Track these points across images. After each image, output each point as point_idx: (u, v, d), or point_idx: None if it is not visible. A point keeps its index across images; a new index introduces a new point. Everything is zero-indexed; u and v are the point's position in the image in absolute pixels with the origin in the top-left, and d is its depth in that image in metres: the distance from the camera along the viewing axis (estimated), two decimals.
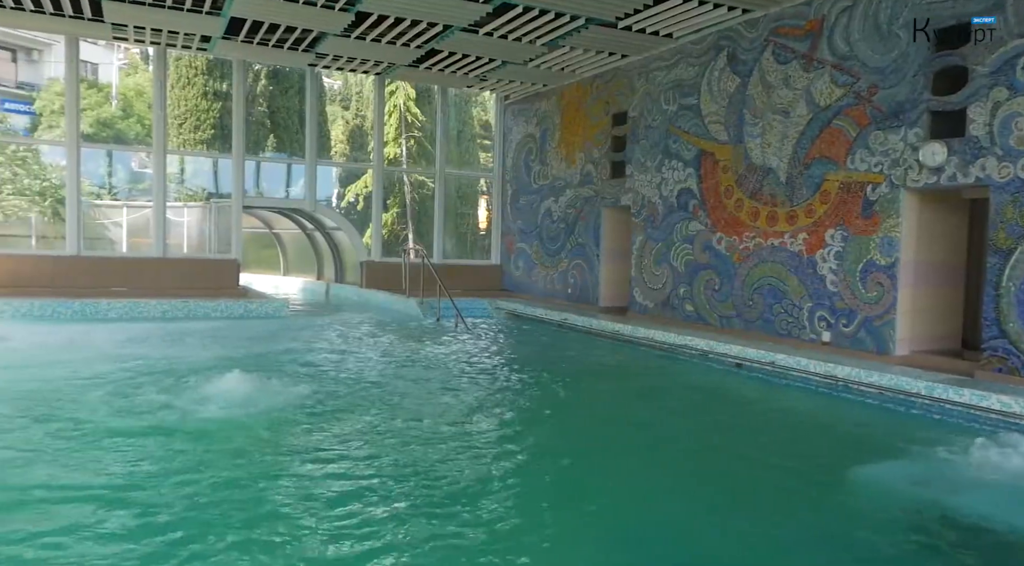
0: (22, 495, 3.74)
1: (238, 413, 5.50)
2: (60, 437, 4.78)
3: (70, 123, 12.68)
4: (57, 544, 3.18)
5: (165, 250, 13.34)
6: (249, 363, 7.55)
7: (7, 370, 6.93)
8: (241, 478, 4.14)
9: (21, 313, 10.47)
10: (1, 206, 18.69)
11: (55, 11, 10.79)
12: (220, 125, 21.95)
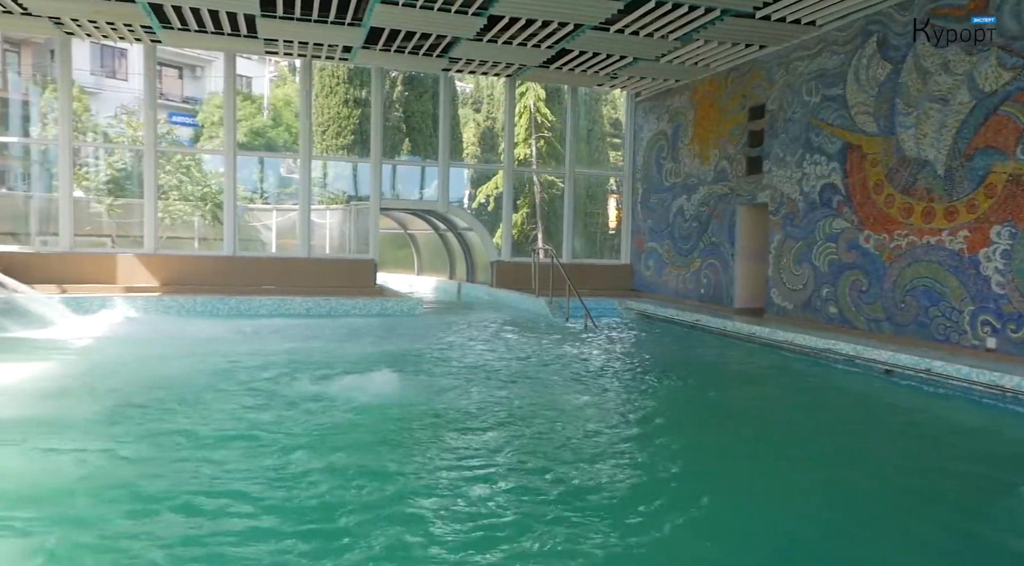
0: (189, 468, 4.06)
1: (377, 406, 5.73)
2: (216, 422, 5.16)
3: (227, 133, 13.72)
4: (209, 526, 3.42)
5: (310, 251, 14.16)
6: (386, 359, 7.86)
7: (171, 359, 7.58)
8: (379, 467, 4.29)
9: (186, 308, 11.46)
10: (169, 210, 20.51)
11: (216, 30, 11.71)
12: (360, 131, 23.07)
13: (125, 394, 6.06)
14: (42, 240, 14.10)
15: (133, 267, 12.95)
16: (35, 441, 4.65)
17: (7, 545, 3.17)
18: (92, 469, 4.20)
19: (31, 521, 3.40)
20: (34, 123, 23.50)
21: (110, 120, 23.38)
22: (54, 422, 5.12)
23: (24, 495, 3.73)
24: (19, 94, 26.01)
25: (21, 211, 17.30)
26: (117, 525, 3.39)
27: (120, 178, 20.97)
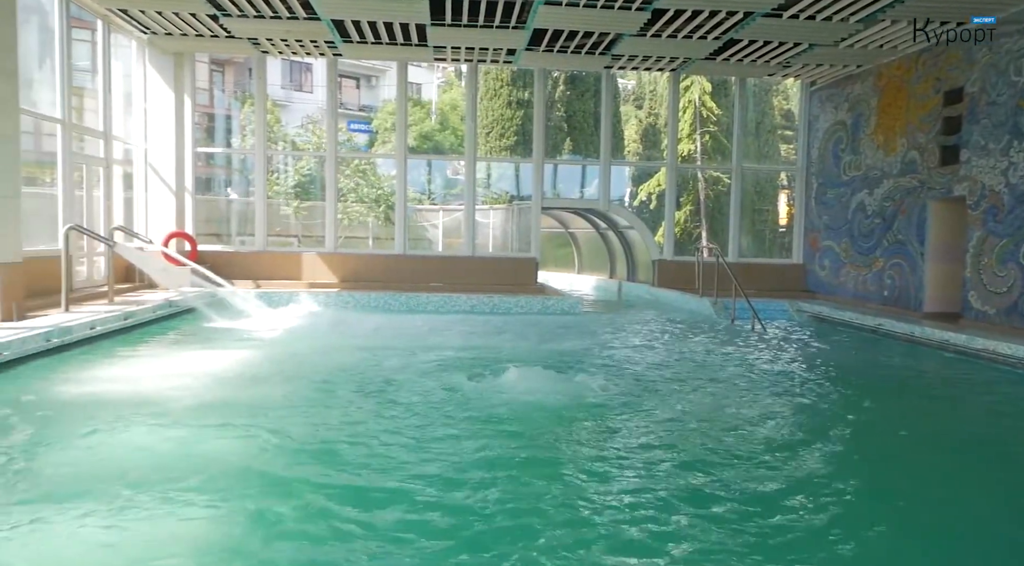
0: (352, 453, 4.31)
1: (536, 402, 5.78)
2: (381, 412, 5.44)
3: (399, 138, 14.47)
4: (374, 513, 3.60)
5: (474, 249, 14.61)
6: (546, 356, 7.93)
7: (349, 351, 8.10)
8: (537, 463, 4.32)
9: (361, 303, 12.23)
10: (347, 212, 21.97)
11: (390, 41, 12.39)
12: (522, 132, 23.49)
13: (311, 381, 6.56)
14: (240, 240, 15.60)
15: (316, 264, 14.01)
16: (235, 421, 5.13)
17: (216, 515, 3.51)
18: (284, 447, 4.56)
19: (235, 494, 3.75)
20: (235, 135, 26.07)
21: (297, 129, 25.47)
22: (251, 404, 5.64)
23: (227, 470, 4.12)
24: (223, 109, 29.02)
25: (224, 214, 19.21)
26: (306, 498, 3.65)
27: (305, 183, 22.77)
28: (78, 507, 3.50)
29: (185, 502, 3.61)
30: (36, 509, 3.47)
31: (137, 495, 3.66)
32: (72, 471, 4.10)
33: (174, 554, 3.12)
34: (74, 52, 10.63)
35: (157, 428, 4.94)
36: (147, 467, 4.17)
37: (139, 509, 3.51)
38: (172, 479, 3.91)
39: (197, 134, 14.52)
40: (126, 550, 3.14)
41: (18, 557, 3.04)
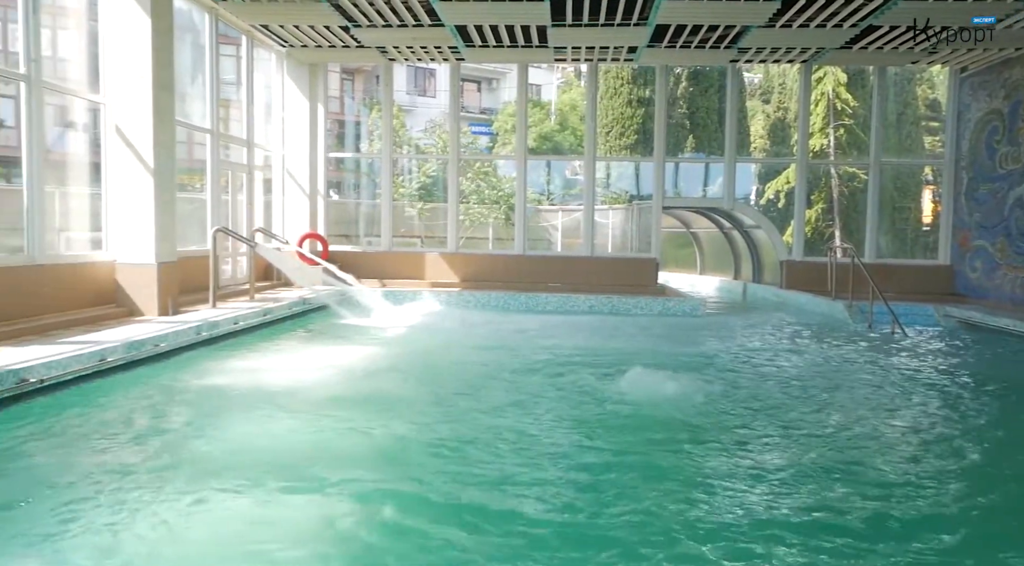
0: (475, 457, 4.37)
1: (653, 405, 5.65)
2: (502, 410, 5.48)
3: (519, 139, 14.59)
4: (505, 502, 3.62)
5: (593, 249, 14.51)
6: (667, 358, 7.75)
7: (469, 349, 8.25)
8: (652, 466, 4.21)
9: (481, 303, 12.43)
10: (469, 213, 22.43)
11: (511, 43, 12.52)
12: (643, 130, 23.13)
13: (434, 377, 6.74)
14: (367, 241, 16.26)
15: (438, 264, 14.38)
16: (364, 414, 5.34)
17: (343, 501, 3.66)
18: (409, 440, 4.70)
19: (368, 484, 3.89)
20: (363, 140, 27.23)
21: (421, 133, 26.29)
22: (379, 398, 5.85)
23: (359, 460, 4.29)
24: (353, 116, 30.40)
25: (352, 216, 20.09)
26: (432, 492, 3.74)
27: (429, 185, 23.45)
28: (229, 488, 3.75)
29: (322, 489, 3.79)
30: (195, 489, 3.74)
31: (280, 480, 3.88)
32: (219, 455, 4.40)
33: (318, 536, 3.27)
34: (221, 66, 11.45)
35: (293, 418, 5.22)
36: (286, 454, 4.42)
37: (282, 493, 3.72)
38: (310, 466, 4.12)
39: (329, 140, 15.27)
40: (276, 529, 3.34)
41: (185, 532, 3.29)
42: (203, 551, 3.16)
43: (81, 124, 9.11)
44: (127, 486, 3.78)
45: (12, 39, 8.69)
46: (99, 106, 8.81)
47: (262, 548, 3.16)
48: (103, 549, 3.09)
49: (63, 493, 3.69)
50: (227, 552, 3.14)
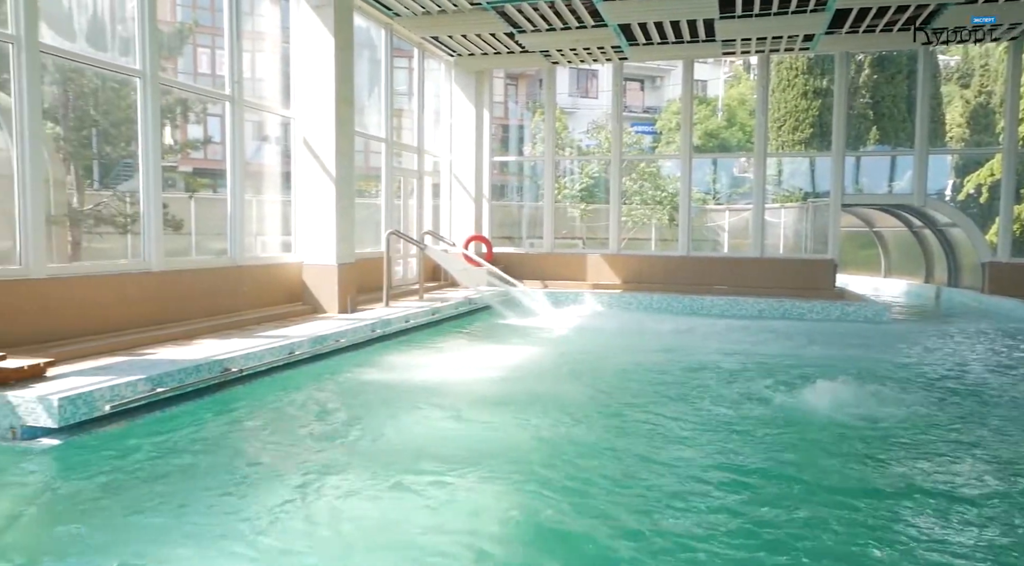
0: (638, 462, 4.27)
1: (829, 415, 5.25)
2: (664, 416, 5.32)
3: (684, 137, 14.20)
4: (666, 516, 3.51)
5: (763, 250, 13.81)
6: (845, 367, 7.20)
7: (631, 351, 8.12)
8: (827, 482, 3.90)
9: (643, 305, 12.22)
10: (631, 214, 22.16)
11: (676, 40, 12.21)
12: (819, 123, 21.71)
13: (595, 379, 6.71)
14: (530, 242, 16.51)
15: (599, 266, 14.32)
16: (525, 412, 5.41)
17: (504, 495, 3.72)
18: (568, 441, 4.70)
19: (528, 481, 3.94)
20: (526, 143, 27.73)
21: (583, 135, 26.33)
22: (540, 397, 5.91)
23: (520, 457, 4.36)
24: (516, 120, 31.06)
25: (515, 218, 20.52)
26: (588, 494, 3.71)
27: (591, 186, 23.43)
28: (395, 476, 3.94)
29: (483, 482, 3.88)
30: (367, 475, 3.97)
31: (443, 472, 4.02)
32: (390, 445, 4.64)
33: (477, 529, 3.35)
34: (395, 78, 12.12)
35: (458, 413, 5.40)
36: (451, 447, 4.57)
37: (444, 486, 3.85)
38: (472, 460, 4.23)
39: (493, 144, 15.68)
40: (439, 517, 3.46)
41: (352, 514, 3.50)
42: (363, 538, 3.32)
43: (274, 137, 9.99)
44: (310, 469, 4.08)
45: (219, 64, 9.70)
46: (290, 120, 9.61)
47: (415, 538, 3.28)
48: (282, 519, 3.35)
49: (250, 476, 4.04)
50: (388, 539, 3.29)
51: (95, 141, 9.07)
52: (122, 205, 8.87)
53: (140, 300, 7.13)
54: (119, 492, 3.76)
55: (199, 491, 3.76)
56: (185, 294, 7.67)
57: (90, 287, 6.65)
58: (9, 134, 6.27)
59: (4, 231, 6.23)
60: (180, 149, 12.87)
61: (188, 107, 10.28)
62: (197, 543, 3.16)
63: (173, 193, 12.58)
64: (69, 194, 8.37)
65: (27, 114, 6.11)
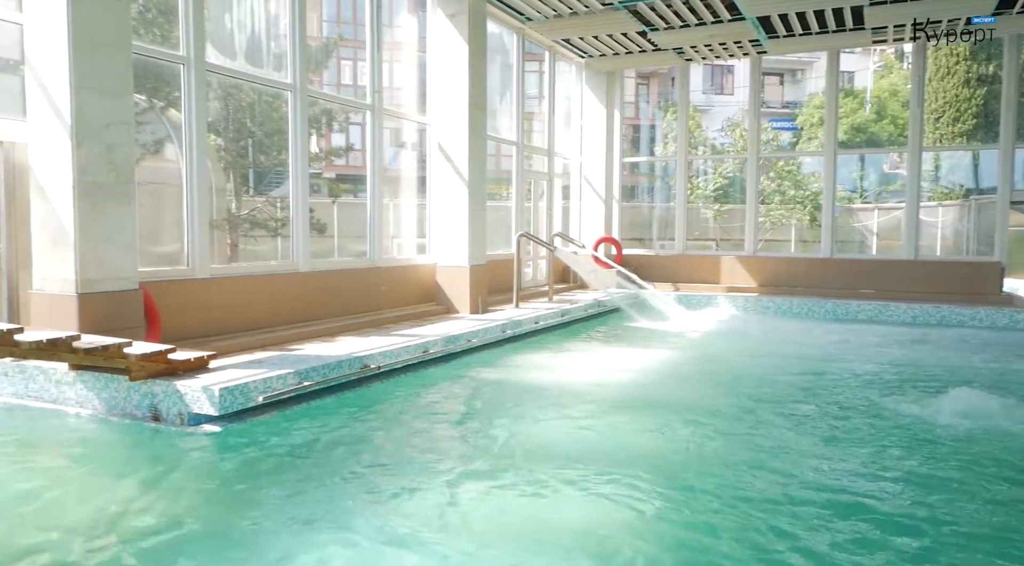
0: (784, 478, 4.06)
1: (993, 440, 4.77)
2: (805, 428, 5.02)
3: (828, 133, 13.41)
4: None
5: (916, 252, 12.80)
6: (1016, 384, 6.52)
7: (768, 357, 7.75)
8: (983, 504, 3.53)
9: (782, 309, 11.67)
10: (768, 215, 21.25)
11: (820, 30, 11.56)
12: (984, 113, 19.88)
13: (727, 385, 6.47)
14: (661, 244, 16.19)
15: (734, 268, 13.80)
16: (653, 416, 5.30)
17: (635, 502, 3.66)
18: (696, 447, 4.56)
19: (652, 485, 3.86)
20: (657, 143, 27.23)
21: (717, 133, 25.52)
22: (668, 402, 5.77)
23: (646, 462, 4.27)
24: (647, 119, 30.58)
25: (646, 219, 20.20)
26: (717, 500, 3.58)
27: (725, 186, 22.68)
28: (525, 475, 3.97)
29: (607, 486, 3.83)
30: (491, 474, 4.03)
31: (572, 475, 4.01)
32: (516, 445, 4.68)
33: (605, 532, 3.31)
34: (526, 82, 12.25)
35: (585, 415, 5.37)
36: (577, 449, 4.55)
37: (572, 488, 3.83)
38: (598, 463, 4.19)
39: (623, 145, 15.51)
40: (563, 519, 3.45)
41: (475, 513, 3.56)
42: (493, 535, 3.36)
43: (410, 143, 10.38)
44: (444, 464, 4.19)
45: (361, 75, 10.20)
46: (425, 126, 9.95)
47: (546, 539, 3.27)
48: (417, 514, 3.45)
49: (389, 467, 4.20)
50: (517, 539, 3.31)
51: (251, 151, 9.77)
52: (273, 210, 9.50)
53: (288, 299, 7.62)
54: (271, 475, 4.02)
55: (340, 478, 3.96)
56: (328, 293, 8.12)
57: (245, 286, 7.18)
58: (179, 147, 6.89)
59: (174, 235, 6.85)
60: (324, 156, 13.62)
61: (332, 117, 10.87)
62: (337, 524, 3.32)
63: (318, 198, 13.34)
64: (228, 200, 9.06)
65: (195, 128, 6.69)
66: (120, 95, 5.62)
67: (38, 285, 5.59)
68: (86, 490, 3.87)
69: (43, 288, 5.55)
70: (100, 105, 5.48)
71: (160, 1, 7.41)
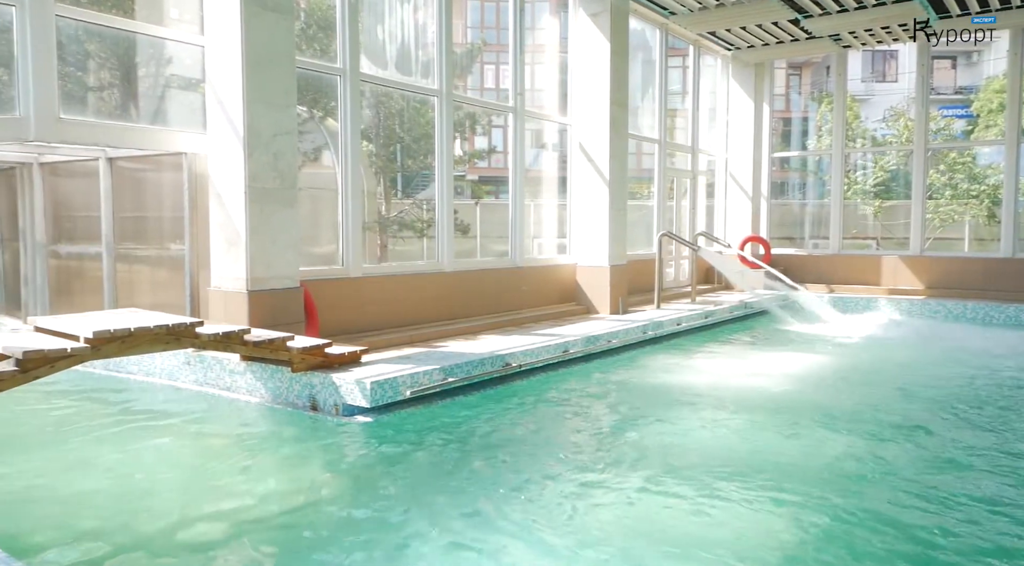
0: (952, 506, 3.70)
1: None
2: (978, 447, 4.55)
3: (1010, 119, 12.10)
4: None
5: None
6: None
7: (933, 367, 7.10)
8: None
9: (953, 314, 10.68)
10: (937, 211, 19.53)
11: (1002, 5, 10.47)
12: None
13: (889, 395, 5.99)
14: (813, 243, 15.30)
15: (897, 269, 12.78)
16: (806, 425, 5.01)
17: (786, 513, 3.47)
18: (855, 458, 4.25)
19: (807, 497, 3.64)
20: (810, 136, 25.76)
21: (878, 124, 23.76)
22: (822, 410, 5.43)
23: (799, 472, 4.04)
24: (799, 112, 29.00)
25: (796, 217, 19.19)
26: (876, 518, 3.32)
27: (887, 180, 21.08)
28: (664, 479, 3.88)
29: (756, 497, 3.66)
30: (635, 475, 3.97)
31: (717, 480, 3.87)
32: (659, 447, 4.58)
33: (757, 543, 3.17)
34: (668, 77, 11.98)
35: (732, 421, 5.17)
36: (724, 456, 4.38)
37: (718, 496, 3.69)
38: (746, 471, 4.02)
39: (773, 140, 14.80)
40: (712, 527, 3.33)
41: (619, 518, 3.51)
42: (622, 537, 3.29)
43: (551, 144, 10.44)
44: (580, 467, 4.17)
45: (503, 78, 10.39)
46: (566, 127, 9.97)
47: (686, 547, 3.16)
48: (556, 516, 3.46)
49: (527, 467, 4.24)
50: (648, 542, 3.22)
51: (399, 155, 10.22)
52: (419, 212, 9.89)
53: (433, 298, 7.90)
54: (419, 465, 4.19)
55: (482, 473, 4.05)
56: (471, 293, 8.33)
57: (394, 285, 7.52)
58: (335, 154, 7.33)
59: (330, 237, 7.30)
60: (468, 159, 14.00)
61: (475, 120, 11.16)
62: (480, 518, 3.39)
63: (461, 200, 13.75)
64: (378, 203, 9.53)
65: (349, 135, 7.09)
66: (285, 107, 6.06)
67: (215, 283, 6.13)
68: (265, 469, 4.20)
69: (219, 286, 6.08)
70: (268, 117, 5.93)
71: (320, 17, 7.92)
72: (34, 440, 4.68)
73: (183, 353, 5.77)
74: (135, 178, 6.88)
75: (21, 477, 4.03)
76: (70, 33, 5.96)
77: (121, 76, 6.73)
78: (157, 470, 4.18)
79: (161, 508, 3.62)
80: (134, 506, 3.64)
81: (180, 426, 4.98)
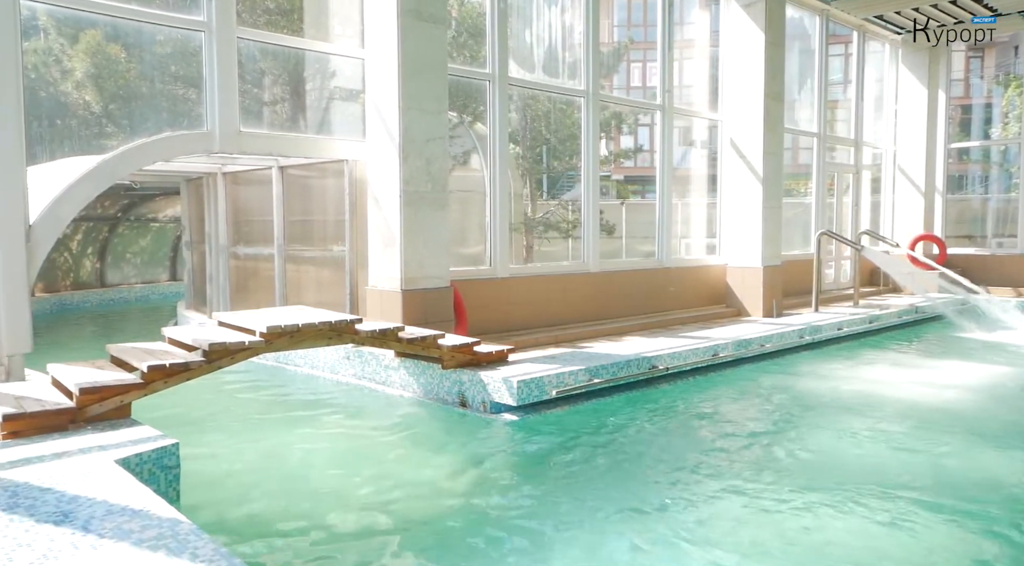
0: None
1: None
2: None
3: None
4: None
5: None
6: None
7: None
8: None
9: None
10: None
11: None
12: None
13: None
14: (998, 242, 13.85)
15: None
16: (981, 443, 4.53)
17: (952, 539, 3.16)
18: None
19: (970, 519, 3.30)
20: (994, 124, 23.33)
21: None
22: (1004, 427, 4.89)
23: (982, 491, 3.67)
24: (981, 98, 26.31)
25: (977, 214, 17.49)
26: None
27: None
28: (816, 493, 3.64)
29: (923, 515, 3.35)
30: (785, 487, 3.76)
31: (872, 497, 3.58)
32: (815, 459, 4.31)
33: None
34: (828, 67, 11.26)
35: (897, 434, 4.78)
36: (886, 471, 4.06)
37: (873, 510, 3.42)
38: (908, 489, 3.71)
39: (950, 129, 13.53)
40: (873, 548, 3.10)
41: (771, 526, 3.34)
42: (760, 549, 3.11)
43: (700, 141, 10.14)
44: (725, 476, 4.01)
45: (650, 76, 10.21)
46: (716, 123, 9.64)
47: None
48: (706, 520, 3.34)
49: (672, 470, 4.13)
50: (784, 557, 3.03)
51: (545, 157, 10.32)
52: (565, 212, 9.93)
53: (579, 298, 7.90)
54: (565, 465, 4.20)
55: (633, 475, 3.99)
56: (616, 294, 8.25)
57: (540, 285, 7.60)
58: (483, 157, 7.52)
59: (478, 238, 7.49)
60: (613, 159, 13.90)
61: (622, 119, 11.05)
62: (622, 521, 3.35)
63: (606, 200, 13.68)
64: (525, 205, 9.67)
65: (497, 139, 7.25)
66: (438, 113, 6.29)
67: (372, 282, 6.48)
68: (421, 459, 4.40)
69: (376, 285, 6.42)
70: (422, 123, 6.18)
71: (471, 25, 8.16)
72: (232, 426, 5.15)
73: (343, 348, 6.13)
74: (302, 184, 7.40)
75: (227, 459, 4.43)
76: (248, 53, 6.52)
77: (291, 90, 7.28)
78: (329, 458, 4.48)
79: (328, 489, 3.87)
80: (311, 487, 3.93)
81: (343, 419, 5.31)
